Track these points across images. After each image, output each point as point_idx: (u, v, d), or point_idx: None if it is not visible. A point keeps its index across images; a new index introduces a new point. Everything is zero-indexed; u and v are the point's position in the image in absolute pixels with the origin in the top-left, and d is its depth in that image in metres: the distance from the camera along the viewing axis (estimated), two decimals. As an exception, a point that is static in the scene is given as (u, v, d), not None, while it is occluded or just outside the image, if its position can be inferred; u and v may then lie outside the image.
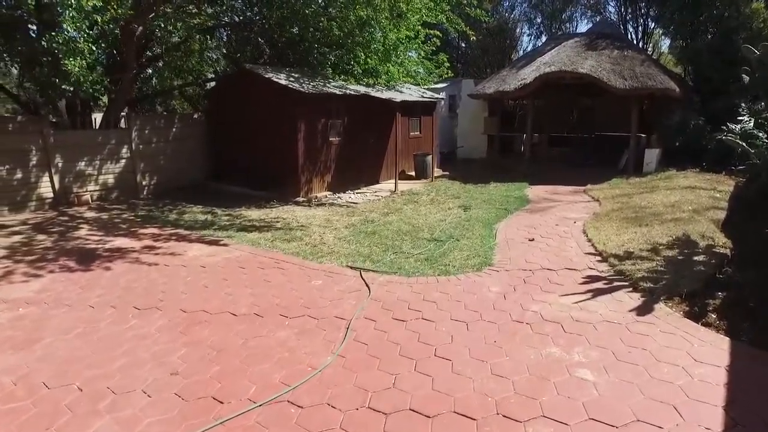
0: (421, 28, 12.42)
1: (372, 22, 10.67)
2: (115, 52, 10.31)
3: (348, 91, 10.54)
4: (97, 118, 11.33)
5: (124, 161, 10.15)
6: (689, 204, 7.94)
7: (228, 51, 13.71)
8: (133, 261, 5.91)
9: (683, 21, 14.24)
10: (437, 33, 12.94)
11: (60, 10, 6.82)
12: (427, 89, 14.80)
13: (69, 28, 7.17)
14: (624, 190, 10.12)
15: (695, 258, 5.34)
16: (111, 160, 9.97)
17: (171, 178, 10.93)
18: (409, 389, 3.10)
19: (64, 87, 8.03)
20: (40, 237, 7.04)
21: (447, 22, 12.45)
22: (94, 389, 3.15)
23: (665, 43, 24.37)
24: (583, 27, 24.98)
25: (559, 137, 16.80)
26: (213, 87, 12.24)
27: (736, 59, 12.49)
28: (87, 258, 6.01)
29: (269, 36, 12.39)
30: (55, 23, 7.45)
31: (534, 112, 14.68)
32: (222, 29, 12.84)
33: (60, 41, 7.27)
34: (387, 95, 11.35)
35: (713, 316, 4.03)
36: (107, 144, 9.87)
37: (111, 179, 10.01)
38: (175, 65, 11.83)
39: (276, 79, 9.65)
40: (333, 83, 10.89)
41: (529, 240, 6.49)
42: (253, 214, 8.60)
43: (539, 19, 25.25)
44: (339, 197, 10.38)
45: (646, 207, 8.02)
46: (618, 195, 9.49)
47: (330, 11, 10.89)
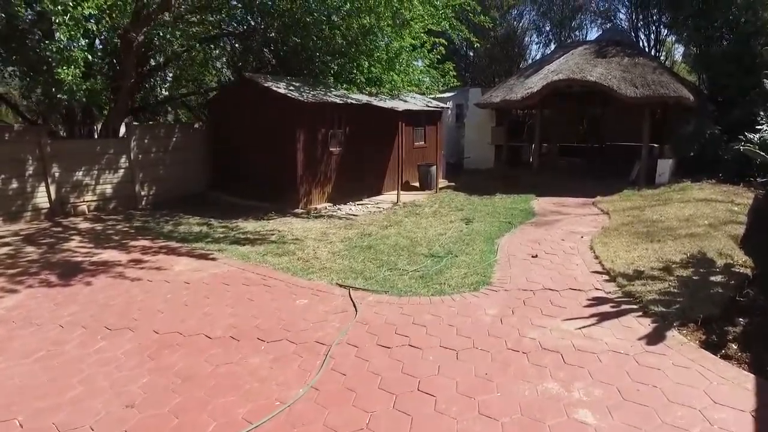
0: (426, 36, 12.19)
1: (375, 30, 10.48)
2: (115, 61, 10.25)
3: (349, 100, 10.30)
4: (100, 127, 11.26)
5: (122, 171, 10.02)
6: (705, 218, 7.50)
7: (232, 60, 13.63)
8: (117, 276, 5.68)
9: (697, 27, 13.75)
10: (443, 41, 12.68)
11: (54, 18, 6.71)
12: (434, 98, 14.52)
13: (62, 36, 7.07)
14: (635, 202, 9.66)
15: (712, 278, 4.92)
16: (109, 169, 9.85)
17: (171, 188, 10.78)
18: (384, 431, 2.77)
19: (59, 96, 7.94)
20: (28, 249, 6.88)
21: (450, 29, 12.17)
22: (36, 426, 2.87)
23: (679, 51, 23.84)
24: (593, 35, 24.53)
25: (569, 147, 16.40)
26: (214, 96, 12.12)
27: (754, 66, 12.02)
28: (70, 272, 5.80)
29: (272, 45, 12.28)
30: (51, 32, 7.39)
31: (542, 121, 14.31)
32: (225, 38, 12.76)
33: (54, 50, 7.19)
34: (390, 104, 11.08)
35: (734, 346, 3.61)
36: (105, 153, 9.76)
37: (109, 189, 9.88)
38: (176, 75, 11.74)
39: (275, 88, 9.46)
40: (334, 92, 10.68)
41: (532, 256, 6.11)
42: (249, 226, 8.37)
43: (548, 27, 24.90)
44: (339, 209, 10.10)
45: (658, 221, 7.59)
46: (629, 208, 9.05)
47: (334, 19, 10.73)
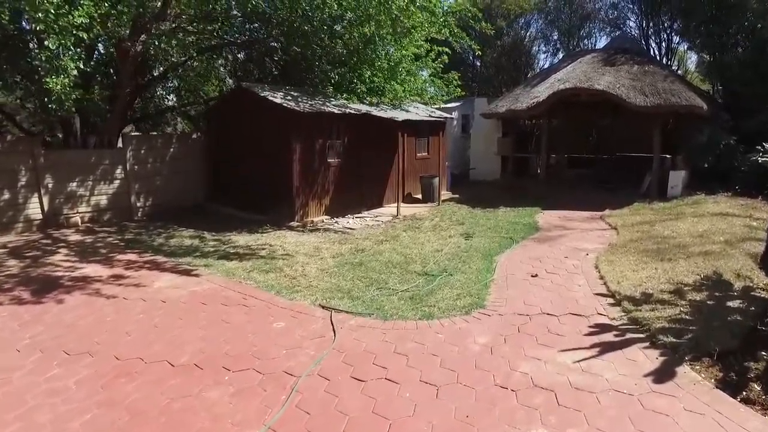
0: (429, 44, 11.94)
1: (376, 38, 10.26)
2: (112, 71, 10.16)
3: (348, 110, 10.05)
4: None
5: (118, 182, 9.86)
6: (720, 234, 7.03)
7: (233, 70, 13.54)
8: (92, 293, 5.43)
9: (710, 34, 13.29)
10: (447, 50, 12.42)
11: (35, 26, 6.57)
12: (439, 108, 14.22)
13: (51, 44, 6.94)
14: (645, 216, 9.18)
15: (729, 303, 4.47)
16: (104, 180, 9.69)
17: (167, 199, 10.59)
18: (345, 487, 2.41)
19: (50, 106, 7.81)
20: (10, 262, 6.68)
21: (451, 36, 11.90)
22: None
23: (692, 60, 23.26)
24: (602, 43, 23.88)
25: (577, 158, 15.94)
26: (211, 106, 11.98)
27: (772, 73, 11.55)
28: (46, 288, 5.57)
29: (273, 55, 12.14)
30: (42, 42, 7.28)
31: (549, 131, 13.91)
32: (227, 48, 12.66)
33: (43, 58, 7.06)
34: (391, 114, 10.80)
35: (756, 387, 3.14)
36: (100, 164, 9.61)
37: (104, 200, 9.71)
38: (176, 85, 11.63)
39: (271, 98, 9.25)
40: (333, 102, 10.44)
41: (532, 276, 5.71)
42: (242, 239, 8.10)
43: (555, 36, 24.54)
44: (336, 222, 9.80)
45: (669, 237, 7.13)
46: (638, 222, 8.58)
47: (336, 29, 10.55)
